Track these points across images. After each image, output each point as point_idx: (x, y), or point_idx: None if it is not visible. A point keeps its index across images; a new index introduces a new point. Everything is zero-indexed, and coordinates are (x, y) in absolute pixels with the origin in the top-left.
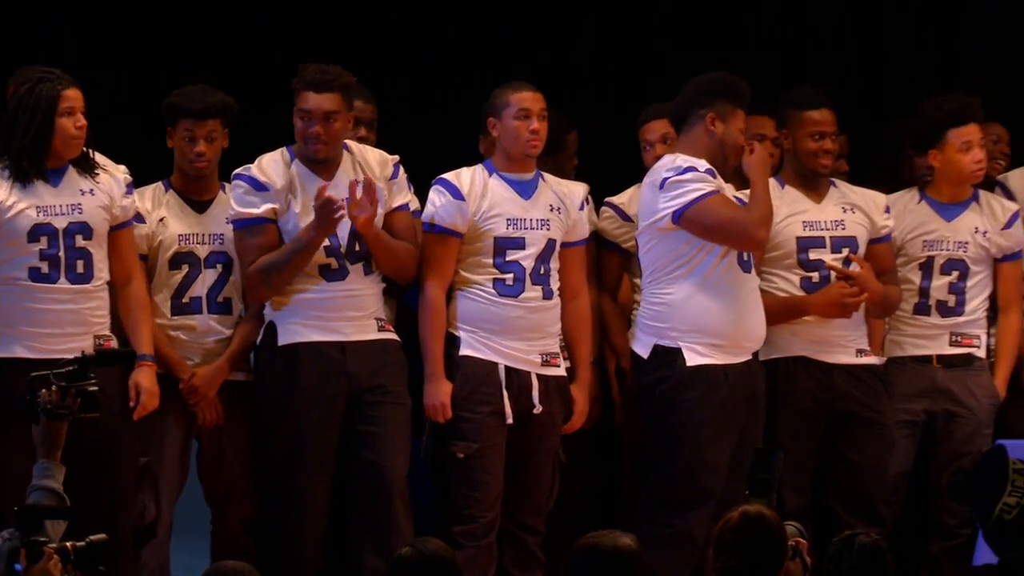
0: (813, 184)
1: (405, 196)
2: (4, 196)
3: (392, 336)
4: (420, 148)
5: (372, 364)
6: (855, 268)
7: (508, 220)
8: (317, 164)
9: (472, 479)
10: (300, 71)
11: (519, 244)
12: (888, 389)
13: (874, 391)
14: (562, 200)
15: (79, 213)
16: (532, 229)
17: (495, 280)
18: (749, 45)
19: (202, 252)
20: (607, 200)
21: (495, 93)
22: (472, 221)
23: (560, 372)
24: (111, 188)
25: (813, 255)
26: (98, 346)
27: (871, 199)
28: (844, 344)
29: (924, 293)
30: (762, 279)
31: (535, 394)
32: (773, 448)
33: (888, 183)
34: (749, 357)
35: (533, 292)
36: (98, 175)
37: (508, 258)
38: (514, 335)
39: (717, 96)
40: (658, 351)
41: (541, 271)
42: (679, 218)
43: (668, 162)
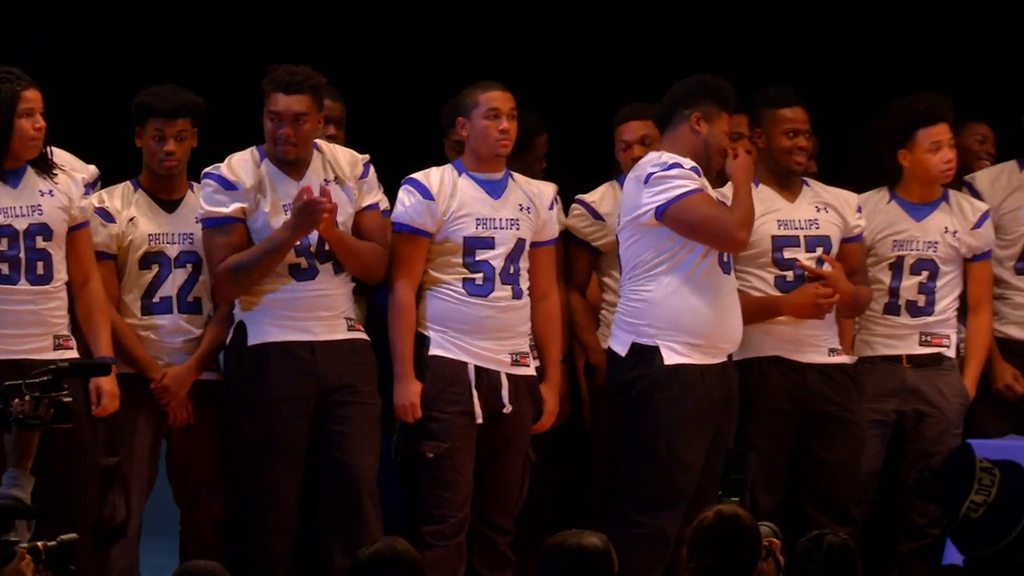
0: (787, 183)
1: (375, 195)
2: None
3: (362, 336)
4: (389, 148)
5: (342, 364)
6: (827, 268)
7: (477, 220)
8: (287, 164)
9: (442, 479)
10: (270, 72)
11: (488, 244)
12: (859, 388)
13: (846, 390)
14: (532, 200)
15: (39, 214)
16: (502, 229)
17: (465, 280)
18: (720, 46)
19: (172, 252)
20: (578, 198)
21: (464, 93)
22: (441, 221)
23: (530, 372)
24: (69, 189)
25: (788, 254)
26: (57, 345)
27: (844, 198)
28: (816, 344)
29: (894, 293)
30: (737, 278)
31: (505, 394)
32: (746, 449)
33: (859, 183)
34: (725, 359)
35: (503, 292)
36: (56, 176)
37: (478, 258)
38: (484, 335)
39: (703, 97)
40: (636, 349)
41: (511, 271)
42: (662, 214)
43: (654, 158)
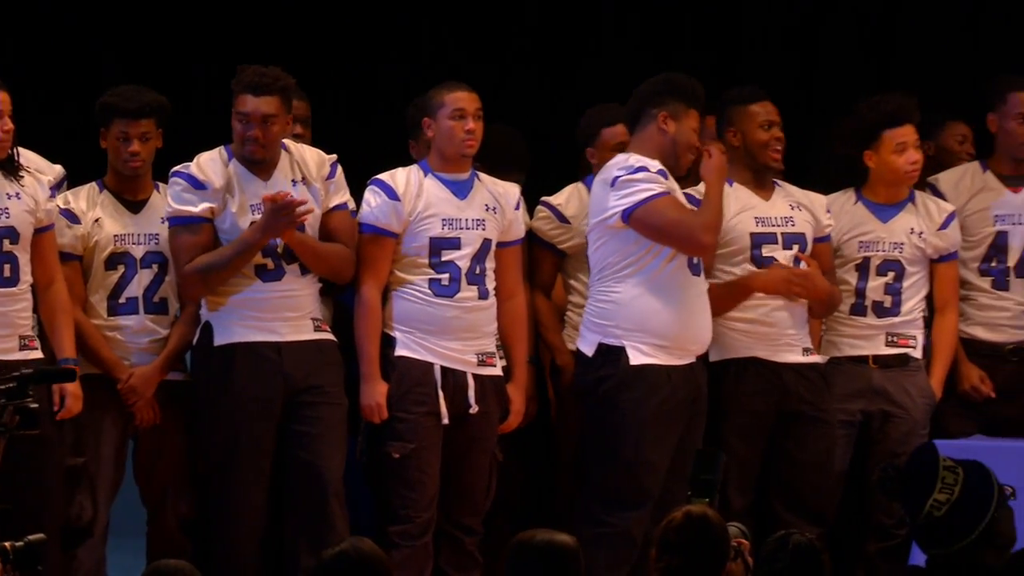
0: (761, 181)
1: (343, 196)
2: None
3: (328, 336)
4: (354, 148)
5: (308, 364)
6: (804, 267)
7: (443, 220)
8: (255, 164)
9: (408, 479)
10: (239, 73)
11: (454, 244)
12: (830, 388)
13: (819, 390)
14: (497, 200)
15: (6, 218)
16: (467, 229)
17: (431, 280)
18: (684, 45)
19: (138, 252)
20: (544, 200)
21: (430, 93)
22: (408, 221)
23: (496, 372)
24: (36, 191)
25: (766, 251)
26: (23, 346)
27: (814, 198)
28: (792, 343)
29: (860, 294)
30: (716, 274)
31: (471, 394)
32: (716, 449)
33: (825, 184)
34: (693, 360)
35: (469, 292)
36: (23, 178)
37: (443, 258)
38: (450, 335)
39: (670, 95)
40: (602, 349)
41: (477, 271)
42: (628, 217)
43: (621, 160)
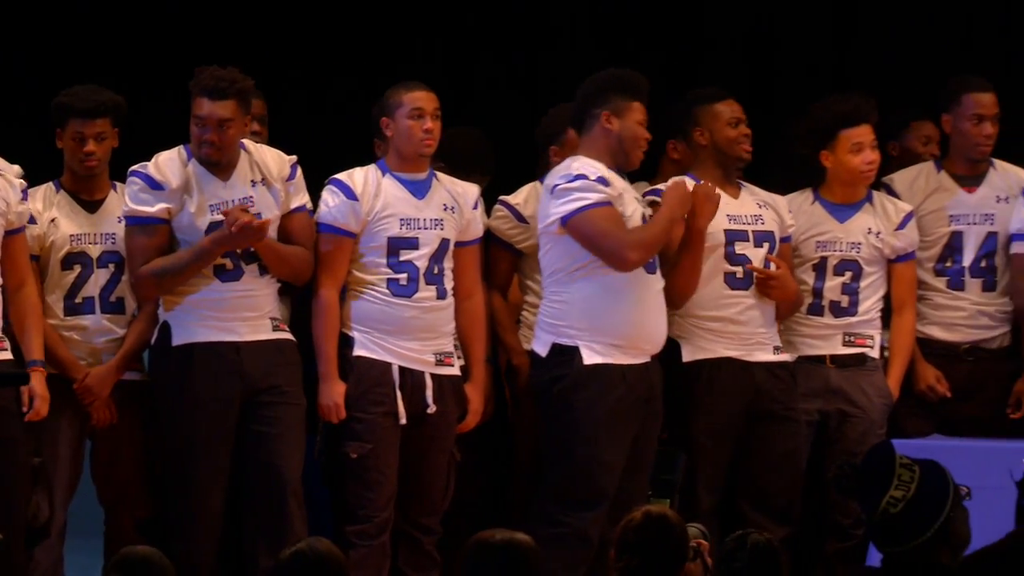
0: (729, 180)
1: (302, 197)
2: None
3: (287, 336)
4: (312, 148)
5: (267, 364)
6: (774, 268)
7: (402, 220)
8: (212, 166)
9: (366, 479)
10: (196, 75)
11: (413, 244)
12: (797, 386)
13: (789, 389)
14: (456, 199)
15: None
16: (426, 229)
17: (389, 280)
18: (643, 46)
19: (94, 252)
20: (502, 199)
21: (388, 93)
22: (366, 221)
23: (454, 371)
24: (7, 194)
25: (739, 248)
26: None
27: (776, 199)
28: (763, 342)
29: (817, 294)
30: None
31: (429, 394)
32: (676, 450)
33: (783, 184)
34: (648, 359)
35: (427, 292)
36: None
37: (402, 258)
38: (408, 335)
39: (610, 92)
40: (556, 349)
41: (435, 271)
42: (566, 224)
43: (563, 168)
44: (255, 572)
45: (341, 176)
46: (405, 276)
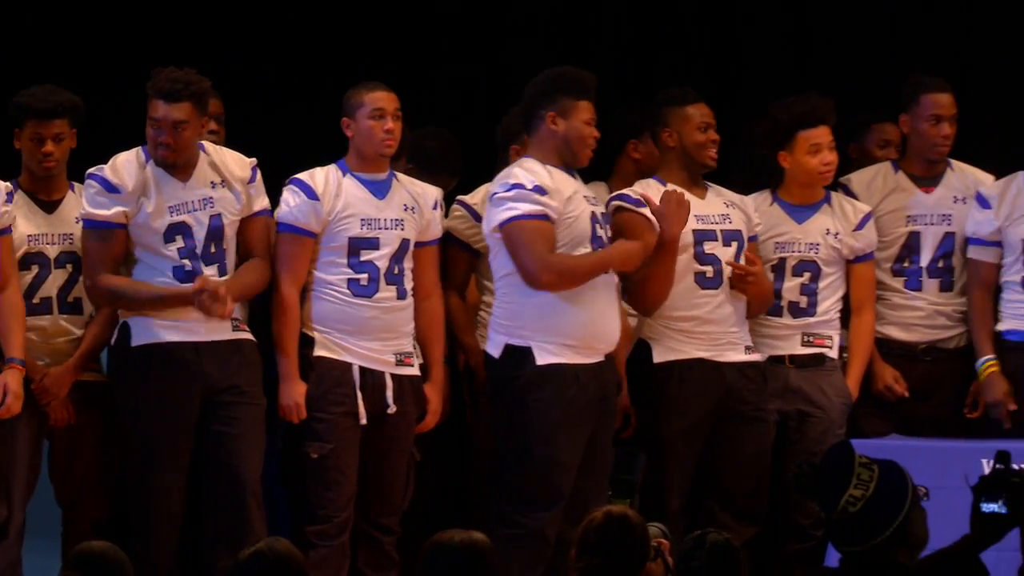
0: (695, 181)
1: (262, 201)
2: None
3: (247, 336)
4: (270, 148)
5: (226, 364)
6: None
7: (362, 220)
8: (169, 167)
9: (326, 479)
10: (153, 76)
11: (373, 244)
12: (768, 386)
13: (759, 389)
14: (416, 200)
15: None
16: (386, 229)
17: (349, 280)
18: (603, 47)
19: (52, 252)
20: (459, 199)
21: (349, 93)
22: (327, 221)
23: (414, 372)
24: None
25: (708, 248)
26: None
27: (742, 198)
28: (734, 341)
29: (776, 294)
30: None
31: (389, 394)
32: (636, 450)
33: (742, 185)
34: (601, 358)
35: (387, 292)
36: None
37: (362, 258)
38: (368, 335)
39: (555, 93)
40: (509, 350)
41: (395, 271)
42: (501, 232)
43: (504, 175)
44: (214, 572)
45: (302, 176)
46: (366, 276)
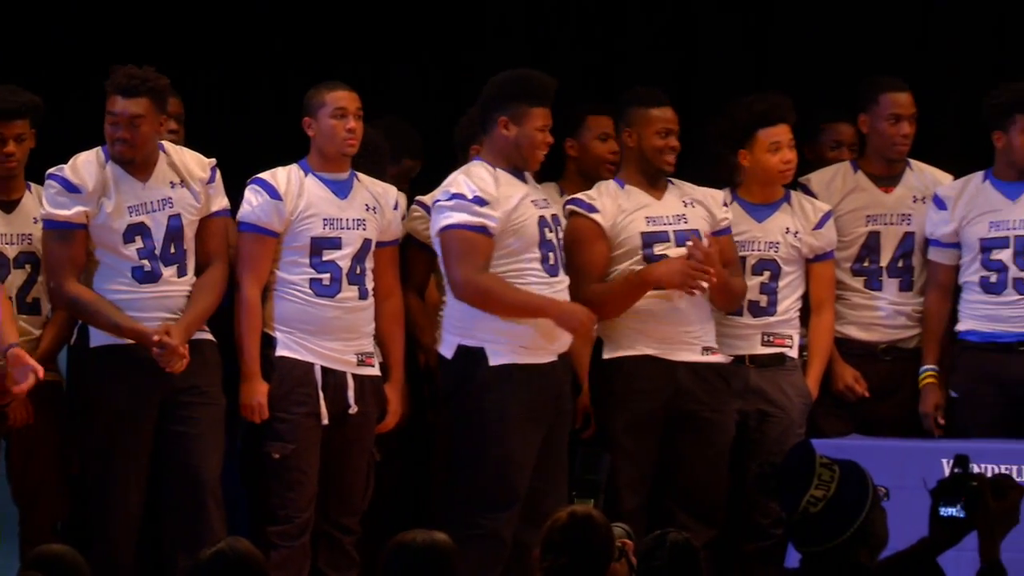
0: (654, 182)
1: (221, 202)
2: None
3: (207, 336)
4: (229, 147)
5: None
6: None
7: (325, 220)
8: (126, 164)
9: (288, 479)
10: (111, 73)
11: (335, 244)
12: (731, 388)
13: (716, 390)
14: (377, 200)
15: None
16: (348, 229)
17: (311, 280)
18: (564, 45)
19: (10, 252)
20: (418, 199)
21: (310, 93)
22: (289, 220)
23: (375, 372)
24: None
25: (658, 249)
26: None
27: (710, 194)
28: (689, 341)
29: None
30: (610, 276)
31: (350, 394)
32: (599, 450)
33: (700, 184)
34: (555, 358)
35: (349, 292)
36: None
37: (324, 258)
38: (330, 335)
39: (509, 98)
40: (462, 351)
41: (357, 271)
42: (438, 239)
43: (449, 181)
44: (173, 572)
45: (264, 175)
46: (328, 276)
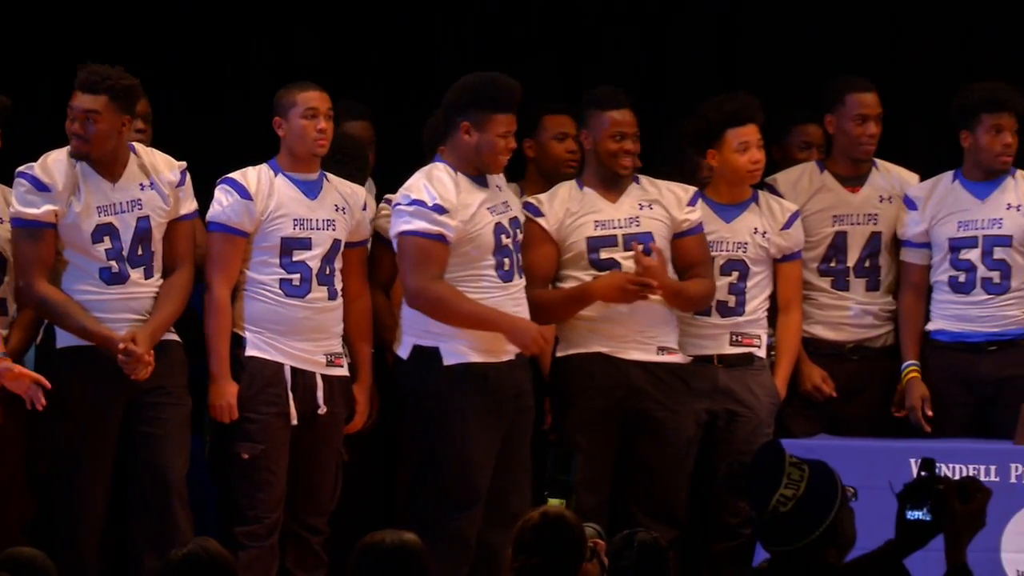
0: (612, 183)
1: (190, 205)
2: None
3: (172, 337)
4: (197, 148)
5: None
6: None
7: (295, 220)
8: (99, 164)
9: (257, 480)
10: (78, 71)
11: (306, 244)
12: (691, 389)
13: (672, 390)
14: (346, 200)
15: None
16: (318, 229)
17: (281, 280)
18: (532, 46)
19: None
20: (387, 197)
21: (280, 93)
22: (259, 221)
23: (343, 372)
24: None
25: (604, 254)
26: None
27: (674, 194)
28: (643, 341)
29: None
30: (558, 282)
31: (320, 395)
32: (570, 450)
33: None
34: (512, 357)
35: (319, 292)
36: None
37: (295, 258)
38: (300, 336)
39: (471, 104)
40: (417, 351)
41: (327, 271)
42: (396, 242)
43: (409, 185)
44: (139, 572)
45: (234, 175)
46: (298, 276)
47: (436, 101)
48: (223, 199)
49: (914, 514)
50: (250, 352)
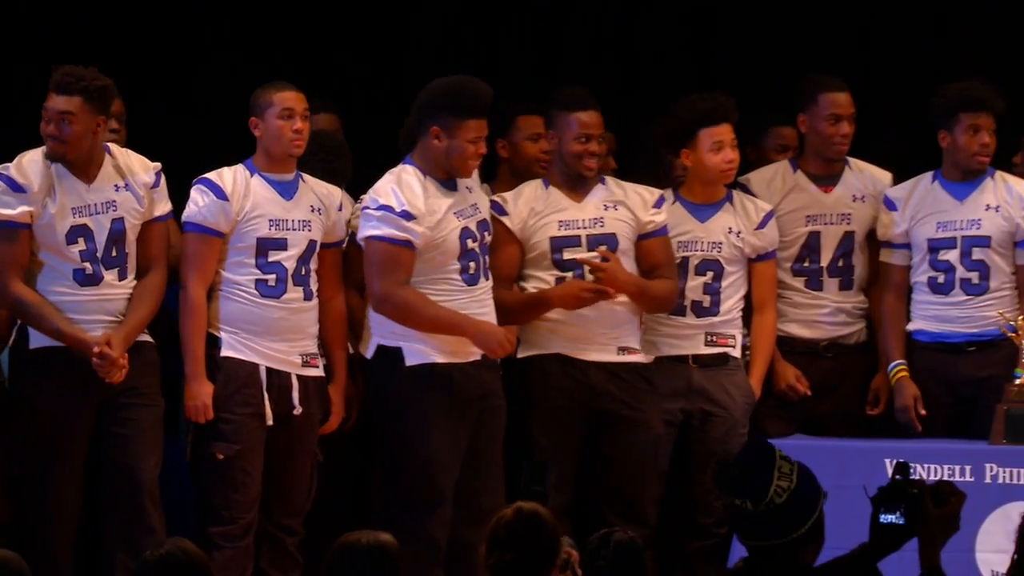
0: (577, 184)
1: (165, 206)
2: None
3: (145, 337)
4: (172, 148)
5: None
6: (599, 260)
7: (271, 221)
8: (73, 165)
9: (232, 480)
10: (52, 72)
11: (281, 245)
12: (654, 388)
13: (635, 389)
14: (322, 201)
15: None
16: (294, 230)
17: (257, 281)
18: (507, 46)
19: None
20: (362, 198)
21: (257, 93)
22: (235, 221)
23: (319, 373)
24: None
25: (568, 254)
26: None
27: (640, 195)
28: (603, 342)
29: (680, 293)
30: (522, 281)
31: (295, 395)
32: (545, 461)
33: (646, 183)
34: (477, 357)
35: (295, 293)
36: None
37: (270, 259)
38: (275, 336)
39: (441, 109)
40: (380, 351)
41: (302, 272)
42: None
43: (377, 189)
44: (111, 572)
45: (210, 176)
46: (273, 277)
47: (411, 103)
48: (199, 199)
49: (888, 517)
50: (225, 352)
